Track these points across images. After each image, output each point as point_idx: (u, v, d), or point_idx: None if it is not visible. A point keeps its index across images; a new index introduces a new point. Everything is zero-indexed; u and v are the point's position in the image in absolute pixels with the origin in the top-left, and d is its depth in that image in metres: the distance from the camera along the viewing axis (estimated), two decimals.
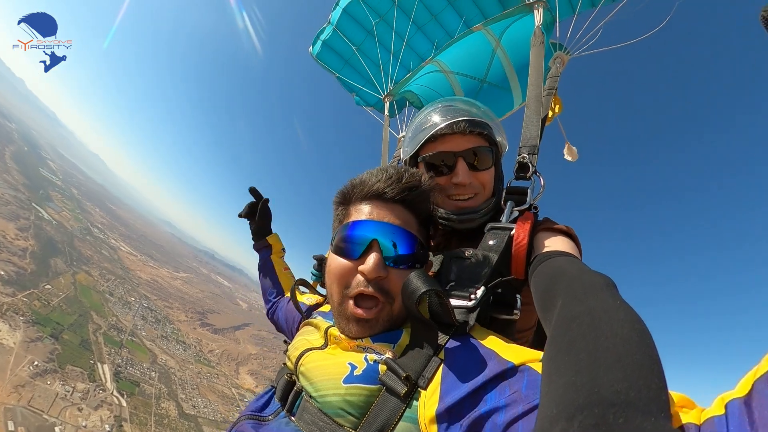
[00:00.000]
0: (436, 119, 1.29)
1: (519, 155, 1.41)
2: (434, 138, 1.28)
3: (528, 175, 1.33)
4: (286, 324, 1.52)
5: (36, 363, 63.41)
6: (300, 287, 1.30)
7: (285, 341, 1.38)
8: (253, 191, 1.83)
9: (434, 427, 0.64)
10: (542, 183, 1.33)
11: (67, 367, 69.34)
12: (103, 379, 75.51)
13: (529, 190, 1.27)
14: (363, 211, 0.94)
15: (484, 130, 1.25)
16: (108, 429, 63.62)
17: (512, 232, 1.06)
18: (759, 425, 0.37)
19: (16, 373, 58.12)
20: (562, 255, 0.94)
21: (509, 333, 1.03)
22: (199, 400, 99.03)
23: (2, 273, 79.06)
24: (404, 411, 0.69)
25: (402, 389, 0.70)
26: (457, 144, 1.24)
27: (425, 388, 0.70)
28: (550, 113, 1.88)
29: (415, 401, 0.70)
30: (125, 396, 76.47)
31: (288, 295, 1.64)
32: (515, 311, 0.98)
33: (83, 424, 60.37)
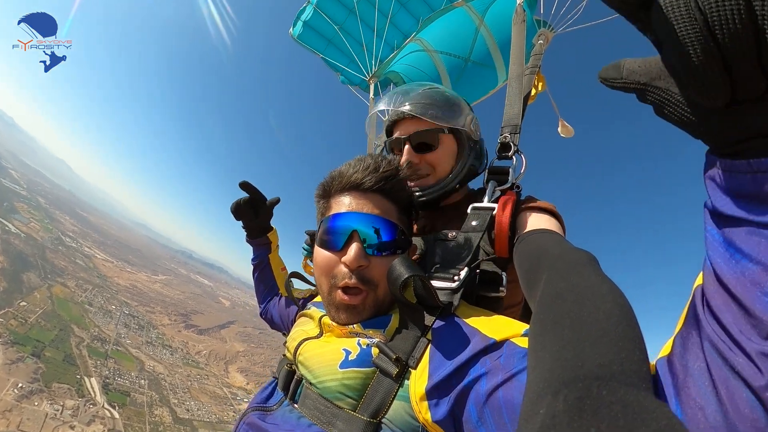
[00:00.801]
0: (382, 107, 1.41)
1: (501, 135, 1.41)
2: (393, 123, 1.40)
3: (510, 154, 1.34)
4: (281, 320, 1.55)
5: (20, 385, 61.64)
6: (292, 280, 1.31)
7: (284, 334, 1.37)
8: (245, 186, 1.56)
9: (424, 404, 0.69)
10: (524, 162, 1.33)
11: (54, 384, 67.58)
12: (92, 393, 74.15)
13: (510, 169, 1.28)
14: (343, 203, 0.97)
15: (428, 112, 1.28)
16: None
17: (494, 212, 1.07)
18: (679, 377, 0.45)
19: (1, 398, 56.33)
20: (545, 232, 0.96)
21: (497, 309, 1.03)
22: (192, 403, 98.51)
23: None
24: (398, 390, 0.74)
25: (394, 370, 0.74)
26: (406, 129, 1.33)
27: (415, 368, 0.74)
28: (533, 91, 1.88)
29: (406, 380, 0.74)
30: (117, 408, 75.37)
31: (282, 293, 1.68)
32: (501, 288, 1.03)
33: None
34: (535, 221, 1.05)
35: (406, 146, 1.31)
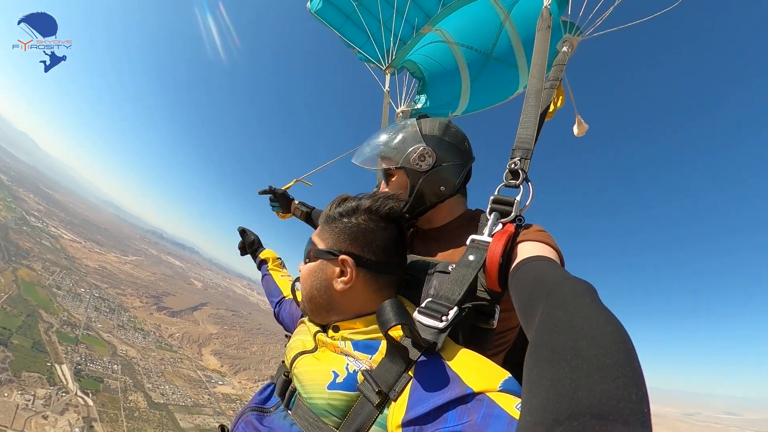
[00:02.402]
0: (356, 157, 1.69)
1: (511, 159, 1.38)
2: None
3: (518, 183, 1.31)
4: (292, 323, 1.67)
5: None
6: (297, 284, 1.37)
7: (286, 335, 1.49)
8: (241, 232, 2.28)
9: None
10: (531, 192, 1.30)
11: (23, 374, 65.84)
12: (63, 380, 72.78)
13: (516, 200, 1.24)
14: None
15: (365, 159, 1.61)
16: None
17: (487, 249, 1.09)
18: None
19: None
20: (541, 260, 0.97)
21: (489, 337, 1.09)
22: (167, 387, 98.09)
23: None
24: (377, 417, 0.80)
25: (375, 399, 0.80)
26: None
27: (395, 400, 0.78)
28: (552, 107, 1.79)
29: (386, 409, 0.80)
30: (90, 395, 74.24)
31: (287, 295, 1.88)
32: (491, 321, 1.07)
33: (51, 431, 58.70)
34: (531, 249, 1.05)
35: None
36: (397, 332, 0.87)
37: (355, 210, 1.13)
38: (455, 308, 0.92)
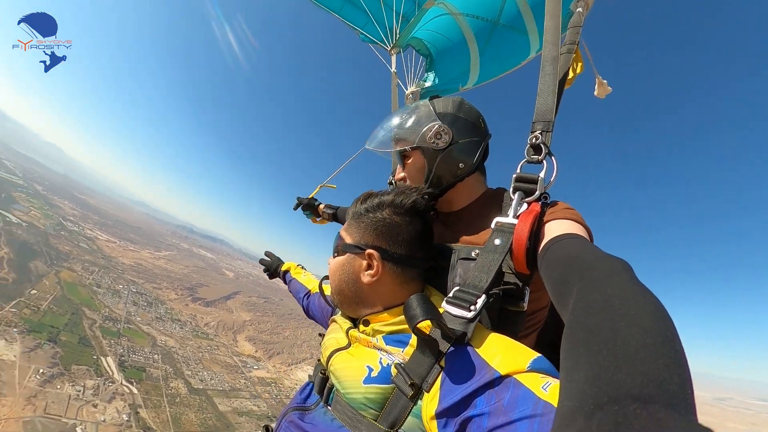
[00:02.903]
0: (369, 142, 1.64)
1: (531, 132, 1.29)
2: None
3: (540, 158, 1.23)
4: (322, 315, 1.75)
5: (41, 371, 64.28)
6: (324, 281, 1.40)
7: (320, 334, 1.45)
8: (261, 261, 2.46)
9: (434, 423, 0.76)
10: (555, 167, 1.21)
11: (72, 367, 70.38)
12: (109, 371, 77.04)
13: (540, 176, 1.16)
14: None
15: (379, 142, 1.57)
16: (126, 418, 66.10)
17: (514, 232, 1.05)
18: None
19: (25, 385, 59.05)
20: (573, 238, 0.93)
21: (520, 319, 1.08)
22: (205, 373, 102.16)
23: None
24: (412, 408, 0.82)
25: (409, 392, 0.82)
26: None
27: (428, 391, 0.80)
28: (571, 74, 1.68)
29: (420, 401, 0.82)
30: (134, 383, 78.39)
31: (312, 289, 1.98)
32: (521, 304, 1.04)
33: (101, 419, 62.68)
34: (560, 227, 1.01)
35: (397, 166, 1.54)
36: (426, 324, 0.88)
37: (380, 205, 1.15)
38: (483, 296, 0.91)
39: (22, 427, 52.22)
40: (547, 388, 0.66)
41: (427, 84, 2.98)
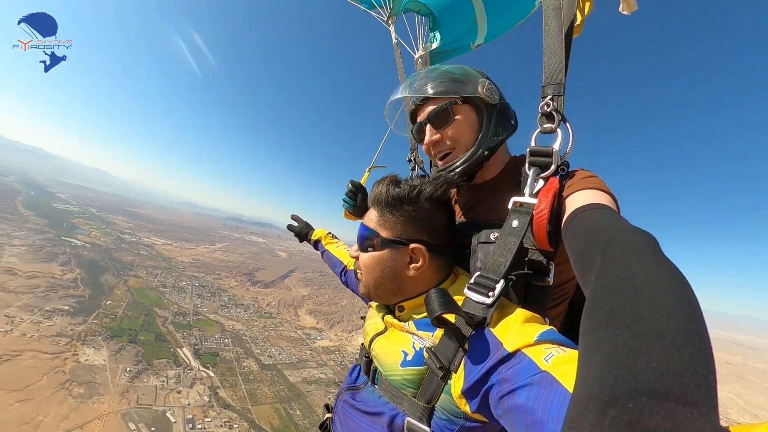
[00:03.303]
0: (399, 97, 1.43)
1: (542, 97, 1.19)
2: (413, 113, 1.43)
3: (554, 126, 1.15)
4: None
5: (128, 369, 72.74)
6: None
7: (362, 317, 1.48)
8: (289, 226, 2.55)
9: (462, 400, 0.85)
10: (570, 134, 1.13)
11: (154, 361, 78.72)
12: (186, 360, 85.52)
13: (554, 148, 1.09)
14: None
15: (431, 89, 1.29)
16: (207, 399, 73.43)
17: (533, 211, 1.01)
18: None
19: (117, 384, 67.29)
20: (596, 208, 0.89)
21: (547, 293, 1.08)
22: (273, 349, 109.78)
23: (67, 308, 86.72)
24: (443, 386, 0.91)
25: (440, 373, 0.90)
26: (423, 113, 1.34)
27: (456, 372, 0.87)
28: (579, 18, 1.49)
29: (449, 380, 0.90)
30: (210, 368, 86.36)
31: (348, 263, 2.06)
32: (547, 279, 1.05)
33: (186, 402, 70.12)
34: (584, 197, 0.97)
35: (427, 127, 1.33)
36: (449, 315, 0.94)
37: (418, 197, 1.13)
38: (501, 281, 0.93)
39: (121, 418, 60.27)
40: (549, 360, 0.68)
41: (435, 44, 2.73)
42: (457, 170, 1.29)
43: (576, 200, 0.98)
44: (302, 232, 2.44)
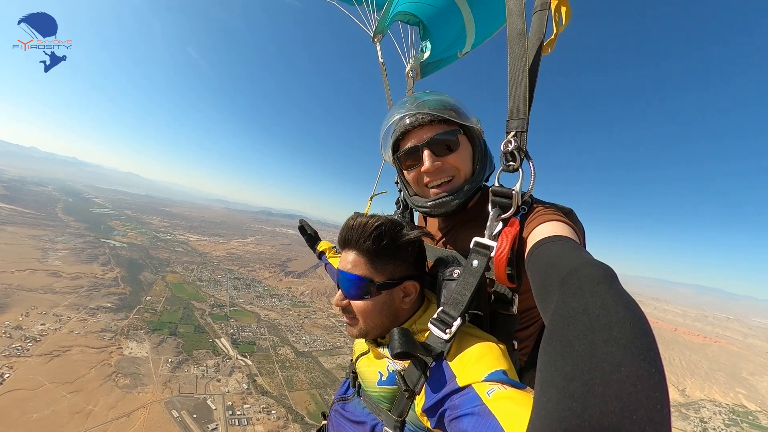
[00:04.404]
0: (397, 118, 1.36)
1: (506, 132, 1.16)
2: (403, 135, 1.35)
3: (517, 165, 1.14)
4: None
5: (170, 360, 75.92)
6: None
7: None
8: (300, 229, 2.65)
9: (424, 417, 0.97)
10: (532, 173, 1.13)
11: (194, 352, 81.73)
12: (225, 350, 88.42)
13: (515, 191, 1.10)
14: (341, 259, 1.24)
15: (443, 114, 1.26)
16: (246, 387, 75.58)
17: (492, 254, 1.05)
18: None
19: (159, 374, 70.41)
20: (555, 240, 0.92)
21: (513, 321, 1.17)
22: (308, 337, 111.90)
23: (110, 305, 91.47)
24: (411, 404, 1.04)
25: (406, 395, 1.03)
26: (420, 136, 1.29)
27: (419, 394, 1.00)
28: (555, 29, 1.39)
29: (414, 400, 1.03)
30: (248, 356, 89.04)
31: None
32: (511, 309, 1.14)
33: (226, 390, 72.36)
34: (545, 230, 1.00)
35: (426, 152, 1.28)
36: (422, 335, 1.09)
37: (398, 239, 1.18)
38: (458, 320, 1.01)
39: (164, 406, 63.08)
40: (491, 394, 0.78)
41: (426, 54, 2.68)
42: (454, 204, 1.30)
43: (537, 234, 1.00)
44: (310, 236, 2.62)
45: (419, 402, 0.99)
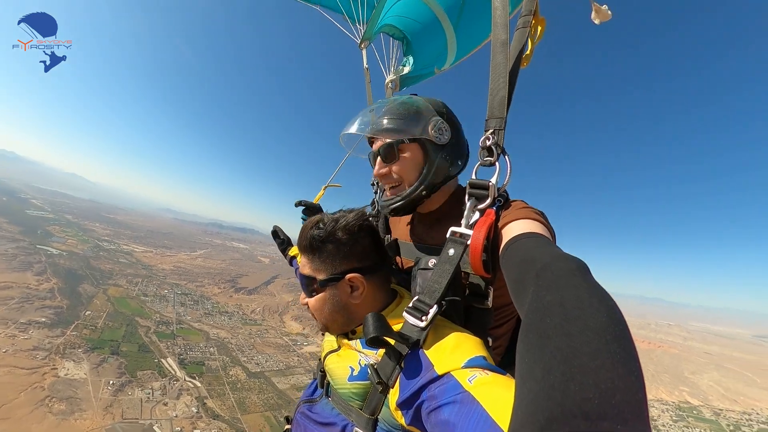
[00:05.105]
0: (355, 128, 1.52)
1: (485, 131, 1.26)
2: (369, 139, 1.51)
3: (494, 159, 1.22)
4: None
5: (111, 382, 69.80)
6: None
7: (322, 333, 1.53)
8: (273, 234, 2.50)
9: (398, 412, 0.93)
10: (508, 167, 1.20)
11: (138, 373, 75.97)
12: (172, 371, 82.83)
13: (491, 183, 1.16)
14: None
15: (379, 135, 1.40)
16: (195, 410, 71.27)
17: (468, 242, 1.08)
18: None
19: (100, 398, 64.50)
20: (530, 237, 0.97)
21: (488, 315, 1.19)
22: (260, 357, 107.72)
23: (44, 320, 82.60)
24: (384, 400, 1.00)
25: (379, 388, 0.98)
26: (377, 143, 1.44)
27: (393, 387, 0.96)
28: (530, 45, 1.50)
29: (388, 394, 0.98)
30: (197, 377, 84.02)
31: None
32: (486, 302, 1.16)
33: (174, 414, 67.99)
34: (519, 227, 1.04)
35: (378, 159, 1.43)
36: (397, 326, 1.04)
37: (334, 233, 1.19)
38: (435, 307, 1.00)
39: None
40: (473, 380, 0.77)
41: (407, 69, 2.82)
42: (393, 206, 1.42)
43: (512, 230, 1.05)
44: (282, 241, 2.47)
45: (393, 396, 0.96)
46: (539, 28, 1.53)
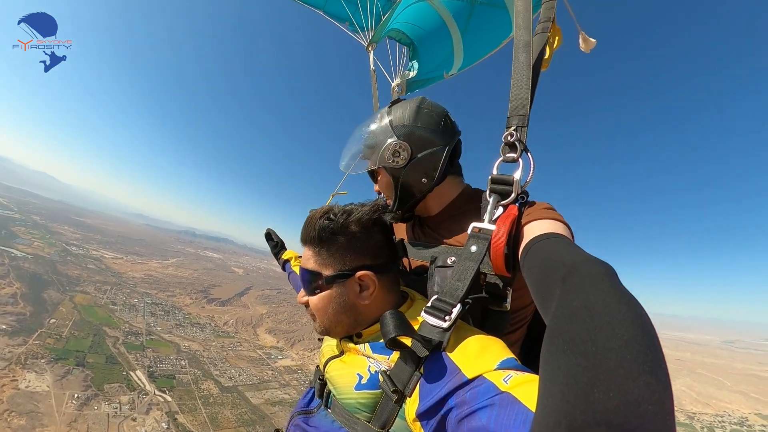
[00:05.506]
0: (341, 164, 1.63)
1: (507, 127, 1.23)
2: None
3: (516, 156, 1.17)
4: None
5: (76, 395, 66.00)
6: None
7: (319, 339, 1.45)
8: (267, 236, 2.48)
9: (417, 424, 0.82)
10: (531, 165, 1.16)
11: (105, 386, 72.14)
12: (141, 384, 79.10)
13: (515, 177, 1.12)
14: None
15: (351, 171, 1.56)
16: (165, 426, 68.38)
17: (491, 237, 1.04)
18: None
19: (63, 412, 60.85)
20: (552, 237, 0.92)
21: (505, 318, 1.12)
22: (233, 370, 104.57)
23: (5, 327, 77.64)
24: (398, 411, 0.89)
25: (394, 397, 0.88)
26: None
27: (410, 396, 0.86)
28: (548, 51, 1.55)
29: (404, 404, 0.88)
30: (167, 391, 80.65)
31: None
32: (504, 305, 1.08)
33: (143, 430, 64.97)
34: (540, 227, 1.00)
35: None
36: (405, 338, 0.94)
37: (347, 224, 1.10)
38: (458, 306, 0.93)
39: None
40: (508, 380, 0.70)
41: (412, 74, 2.87)
42: (389, 220, 1.35)
43: (533, 229, 1.00)
44: (276, 244, 2.48)
45: (411, 405, 0.85)
46: (557, 38, 1.59)
